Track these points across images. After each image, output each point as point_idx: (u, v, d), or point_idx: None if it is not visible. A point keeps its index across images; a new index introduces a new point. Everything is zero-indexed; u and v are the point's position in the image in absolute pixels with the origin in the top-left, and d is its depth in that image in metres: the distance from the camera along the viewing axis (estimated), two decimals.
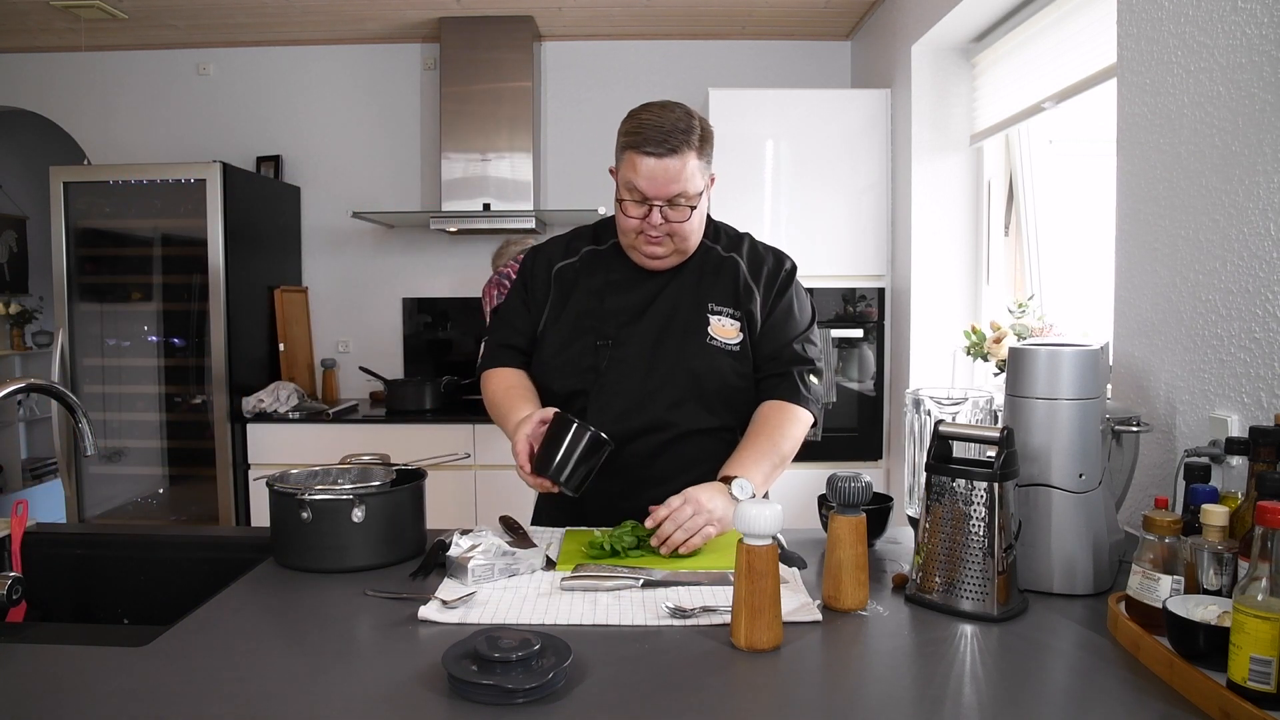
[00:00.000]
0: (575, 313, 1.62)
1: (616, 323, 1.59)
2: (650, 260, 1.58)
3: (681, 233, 1.53)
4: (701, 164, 1.51)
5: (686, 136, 1.48)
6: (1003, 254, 3.08)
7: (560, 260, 1.67)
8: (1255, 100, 1.36)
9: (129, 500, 3.71)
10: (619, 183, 1.54)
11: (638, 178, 1.48)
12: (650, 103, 1.54)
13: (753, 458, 1.49)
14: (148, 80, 4.13)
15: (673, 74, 4.04)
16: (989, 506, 1.15)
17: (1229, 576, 1.05)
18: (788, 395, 1.59)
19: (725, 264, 1.63)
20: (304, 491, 1.35)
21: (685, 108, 1.53)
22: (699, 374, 1.57)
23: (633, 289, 1.62)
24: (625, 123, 1.53)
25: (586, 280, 1.64)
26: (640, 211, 1.51)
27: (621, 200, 1.53)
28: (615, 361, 1.57)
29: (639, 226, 1.53)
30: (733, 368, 1.58)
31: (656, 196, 1.49)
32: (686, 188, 1.49)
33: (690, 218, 1.52)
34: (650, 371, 1.57)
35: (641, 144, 1.47)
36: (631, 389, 1.56)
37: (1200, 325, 1.49)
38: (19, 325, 4.83)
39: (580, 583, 1.26)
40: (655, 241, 1.54)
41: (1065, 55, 2.40)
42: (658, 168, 1.47)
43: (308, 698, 0.95)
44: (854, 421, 3.46)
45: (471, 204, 3.76)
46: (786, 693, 0.96)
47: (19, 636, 1.13)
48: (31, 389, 1.36)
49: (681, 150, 1.47)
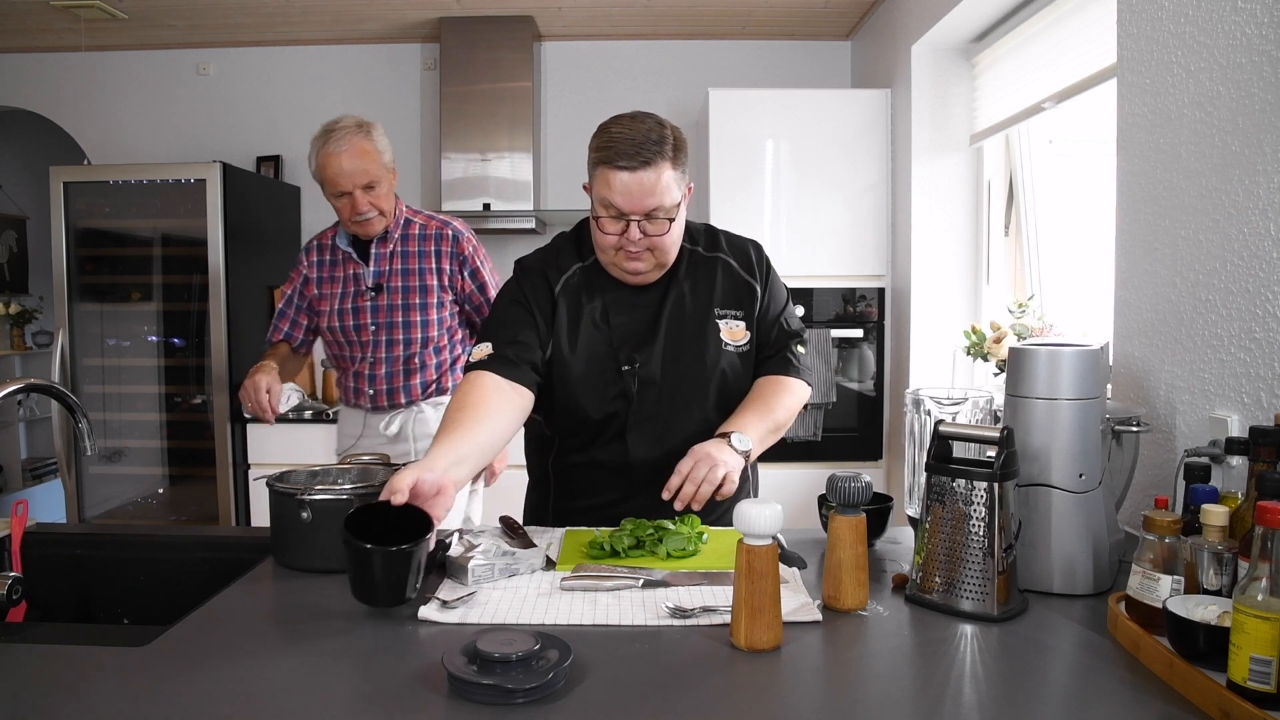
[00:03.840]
0: (586, 335, 1.56)
1: (631, 345, 1.55)
2: (631, 276, 1.54)
3: (662, 246, 1.50)
4: (677, 174, 1.47)
5: (660, 147, 1.43)
6: (1003, 254, 3.08)
7: (556, 280, 1.58)
8: (1255, 100, 1.36)
9: (129, 500, 3.71)
10: (594, 199, 1.49)
11: (612, 194, 1.44)
12: (620, 115, 1.49)
13: (749, 419, 1.51)
14: (148, 80, 4.13)
15: (673, 74, 4.04)
16: (989, 506, 1.15)
17: (1229, 576, 1.05)
18: (779, 368, 1.61)
19: (714, 265, 1.62)
20: (304, 491, 1.35)
21: (656, 117, 1.48)
22: (721, 382, 1.59)
23: (634, 307, 1.58)
24: (595, 137, 1.48)
25: (586, 300, 1.58)
26: (618, 228, 1.47)
27: (598, 217, 1.49)
28: (644, 385, 1.55)
29: (617, 243, 1.48)
30: (749, 368, 1.62)
31: (633, 211, 1.44)
32: (663, 200, 1.45)
33: (669, 230, 1.48)
34: (676, 390, 1.56)
35: (614, 158, 1.43)
36: (663, 412, 1.56)
37: (1200, 325, 1.49)
38: (19, 325, 4.82)
39: (580, 583, 1.26)
40: (635, 257, 1.50)
41: (1065, 55, 2.40)
42: (632, 182, 1.42)
43: (308, 698, 0.95)
44: (854, 421, 3.46)
45: (471, 204, 3.76)
46: (786, 693, 0.96)
47: (19, 636, 1.12)
48: (31, 389, 1.36)
49: (655, 162, 1.42)
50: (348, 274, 2.24)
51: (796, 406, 1.61)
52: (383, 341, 2.24)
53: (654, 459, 1.54)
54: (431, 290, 2.23)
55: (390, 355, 2.25)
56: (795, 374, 1.62)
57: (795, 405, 1.61)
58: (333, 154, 2.07)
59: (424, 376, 2.29)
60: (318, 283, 2.28)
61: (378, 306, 2.23)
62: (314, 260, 2.29)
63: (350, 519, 1.15)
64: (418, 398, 2.30)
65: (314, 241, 2.33)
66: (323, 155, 2.09)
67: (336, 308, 2.25)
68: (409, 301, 2.23)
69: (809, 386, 1.65)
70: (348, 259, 2.25)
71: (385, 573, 1.12)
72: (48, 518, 1.85)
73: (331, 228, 2.30)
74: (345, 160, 2.08)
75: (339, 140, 2.07)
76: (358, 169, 2.09)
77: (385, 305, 2.23)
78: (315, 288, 2.28)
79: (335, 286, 2.25)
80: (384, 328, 2.23)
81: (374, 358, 2.25)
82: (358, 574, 1.13)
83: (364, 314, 2.24)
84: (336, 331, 2.27)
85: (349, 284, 2.24)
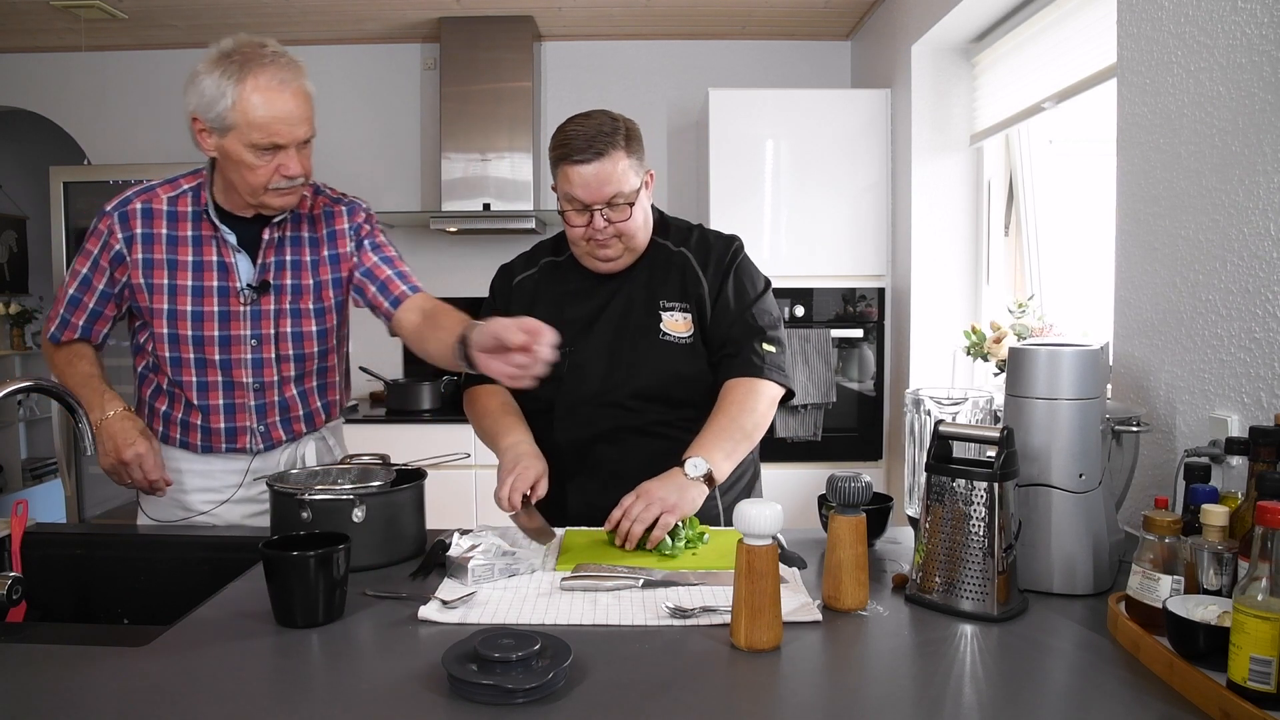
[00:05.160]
0: None
1: (573, 330, 1.62)
2: (604, 264, 1.63)
3: (628, 231, 1.58)
4: (632, 162, 1.56)
5: (611, 139, 1.53)
6: (1003, 254, 3.08)
7: (520, 273, 1.74)
8: (1255, 100, 1.36)
9: (129, 500, 3.70)
10: (559, 196, 1.59)
11: (572, 187, 1.54)
12: (574, 115, 1.59)
13: (711, 438, 1.52)
14: (148, 80, 4.13)
15: (673, 74, 4.04)
16: (989, 506, 1.15)
17: (1229, 576, 1.05)
18: (742, 370, 1.60)
19: (674, 259, 1.68)
20: (304, 491, 1.35)
21: (608, 113, 1.59)
22: (655, 370, 1.61)
23: (589, 297, 1.67)
24: (553, 138, 1.58)
25: (546, 291, 1.70)
26: (583, 219, 1.57)
27: (564, 212, 1.59)
28: (574, 368, 1.62)
29: (585, 234, 1.58)
30: (687, 359, 1.63)
31: (594, 201, 1.54)
32: (621, 187, 1.54)
33: (631, 215, 1.57)
34: (608, 374, 1.62)
35: (569, 154, 1.53)
36: (592, 393, 1.62)
37: (1200, 325, 1.49)
38: (19, 325, 4.82)
39: (580, 583, 1.26)
40: (604, 244, 1.59)
41: (1065, 55, 2.40)
42: (588, 173, 1.53)
43: (308, 698, 0.95)
44: (854, 421, 3.46)
45: (472, 204, 3.76)
46: (786, 693, 0.96)
47: (19, 636, 1.12)
48: (31, 389, 1.36)
49: (608, 152, 1.52)
50: (205, 262, 1.59)
51: (766, 409, 1.59)
52: (269, 360, 1.64)
53: (580, 442, 1.62)
54: (327, 286, 1.67)
55: (279, 377, 1.66)
56: (760, 374, 1.60)
57: (765, 408, 1.59)
58: (271, 90, 1.46)
59: (325, 398, 1.76)
60: (146, 267, 1.58)
61: (260, 312, 1.62)
62: (137, 234, 1.58)
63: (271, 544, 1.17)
64: (321, 424, 1.75)
65: (134, 204, 1.59)
66: (251, 88, 1.46)
67: (189, 310, 1.59)
68: (300, 306, 1.64)
69: (780, 386, 1.62)
70: (213, 242, 1.59)
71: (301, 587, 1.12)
72: (48, 518, 1.85)
73: (166, 185, 1.62)
74: (291, 100, 1.48)
75: (279, 72, 1.48)
76: (303, 115, 1.50)
77: (271, 310, 1.63)
78: (142, 274, 1.58)
79: (182, 277, 1.58)
80: (269, 340, 1.63)
81: (252, 368, 1.64)
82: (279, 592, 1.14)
83: (236, 321, 1.61)
84: (183, 344, 1.60)
85: (206, 275, 1.59)
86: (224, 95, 1.46)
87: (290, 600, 1.12)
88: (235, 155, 1.48)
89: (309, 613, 1.13)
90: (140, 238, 1.58)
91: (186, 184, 1.62)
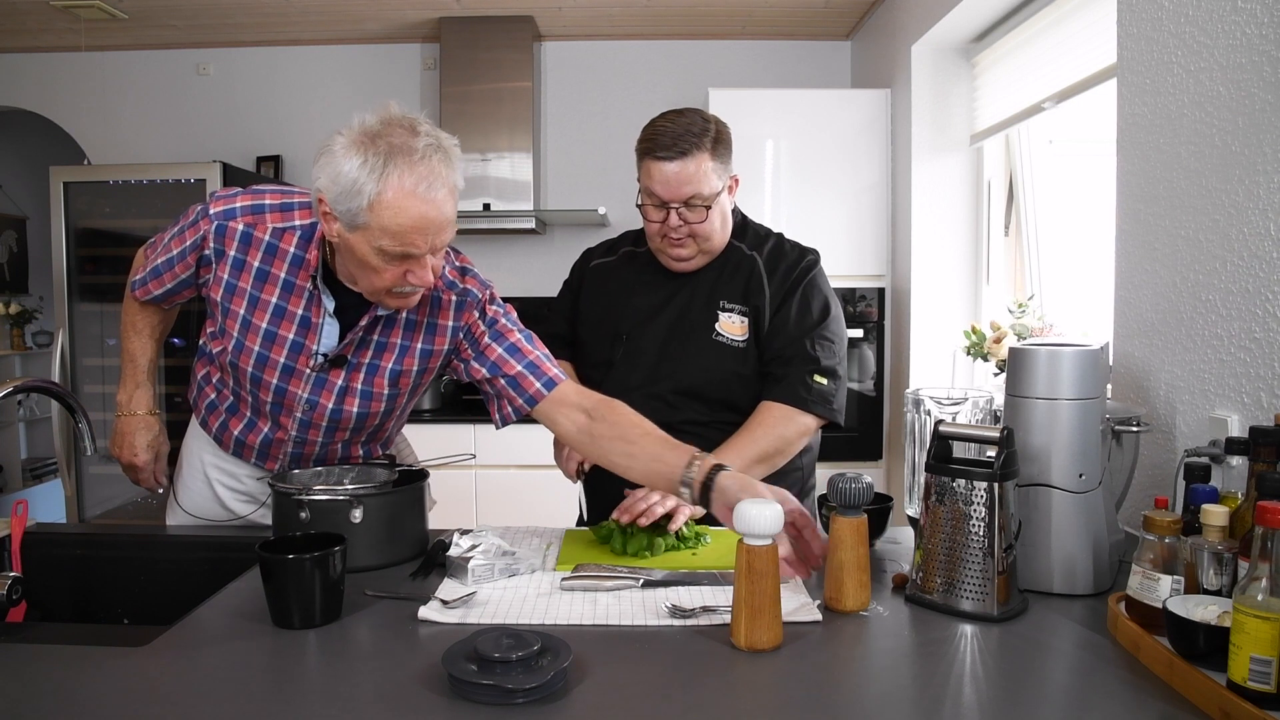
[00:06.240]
0: (603, 308, 1.73)
1: (636, 319, 1.67)
2: (676, 262, 1.65)
3: (703, 233, 1.60)
4: (716, 165, 1.57)
5: (699, 140, 1.55)
6: (1003, 254, 3.08)
7: (598, 258, 1.80)
8: (1255, 100, 1.36)
9: (129, 500, 3.71)
10: (640, 189, 1.61)
11: (653, 182, 1.57)
12: (667, 110, 1.61)
13: (727, 453, 1.50)
14: (148, 80, 4.13)
15: (673, 74, 4.04)
16: (989, 506, 1.15)
17: (1229, 576, 1.05)
18: (784, 396, 1.60)
19: (744, 262, 1.68)
20: (304, 491, 1.35)
21: (701, 113, 1.60)
22: (701, 368, 1.61)
23: (657, 289, 1.70)
24: (642, 131, 1.60)
25: (619, 279, 1.74)
26: (659, 215, 1.59)
27: (643, 205, 1.62)
28: (627, 355, 1.65)
29: (661, 230, 1.60)
30: (737, 362, 1.62)
31: (672, 199, 1.56)
32: (700, 189, 1.56)
33: (708, 218, 1.58)
34: (656, 366, 1.64)
35: (654, 150, 1.55)
36: (638, 382, 1.63)
37: (1200, 325, 1.49)
38: (19, 325, 4.83)
39: (580, 583, 1.26)
40: (678, 244, 1.61)
41: (1065, 55, 2.40)
42: (670, 171, 1.54)
43: (308, 698, 0.95)
44: (854, 421, 3.46)
45: (471, 204, 3.76)
46: (786, 693, 0.96)
47: (19, 636, 1.13)
48: (31, 389, 1.36)
49: (692, 153, 1.54)
50: (289, 311, 1.42)
51: (795, 438, 1.59)
52: (320, 424, 1.51)
53: None
54: (408, 375, 1.49)
55: (329, 426, 1.52)
56: (803, 406, 1.58)
57: (794, 435, 1.59)
58: (420, 196, 1.23)
59: (369, 445, 1.62)
60: (228, 290, 1.43)
61: (324, 381, 1.46)
62: (230, 255, 1.42)
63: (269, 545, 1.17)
64: (359, 462, 1.60)
65: (237, 223, 1.41)
66: (394, 190, 1.22)
67: (255, 350, 1.44)
68: (373, 389, 1.48)
69: (818, 419, 1.61)
70: (305, 294, 1.42)
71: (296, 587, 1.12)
72: (48, 518, 1.85)
73: (277, 212, 1.42)
74: (437, 208, 1.25)
75: (429, 174, 1.24)
76: (445, 220, 1.28)
77: (337, 385, 1.47)
78: (221, 293, 1.43)
79: (259, 317, 1.42)
80: (324, 410, 1.49)
81: (300, 424, 1.51)
82: (274, 593, 1.13)
83: (298, 380, 1.46)
84: (241, 375, 1.48)
85: (285, 325, 1.42)
86: (360, 192, 1.22)
87: (287, 602, 1.12)
88: (360, 254, 1.28)
89: (306, 614, 1.12)
90: (231, 260, 1.42)
91: (300, 219, 1.42)
